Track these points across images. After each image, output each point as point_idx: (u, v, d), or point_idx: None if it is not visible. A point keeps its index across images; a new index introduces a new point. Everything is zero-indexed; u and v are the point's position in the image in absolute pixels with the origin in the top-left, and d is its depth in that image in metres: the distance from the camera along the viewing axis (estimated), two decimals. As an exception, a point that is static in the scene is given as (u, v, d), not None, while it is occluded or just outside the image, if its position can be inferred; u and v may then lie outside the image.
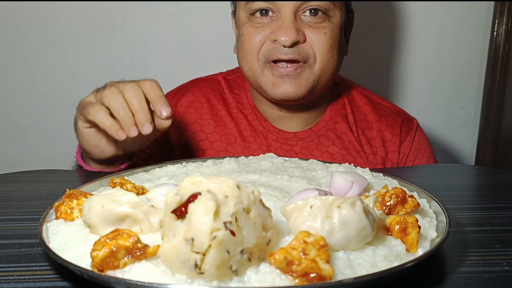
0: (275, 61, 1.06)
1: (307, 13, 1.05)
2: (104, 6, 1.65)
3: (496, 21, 1.70)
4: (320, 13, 1.05)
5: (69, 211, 0.59)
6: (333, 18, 1.07)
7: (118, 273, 0.46)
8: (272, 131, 1.19)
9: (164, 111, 0.84)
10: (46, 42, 1.67)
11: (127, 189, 0.65)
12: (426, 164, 1.20)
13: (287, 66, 1.06)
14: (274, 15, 1.06)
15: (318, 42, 1.05)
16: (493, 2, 1.71)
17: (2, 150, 1.75)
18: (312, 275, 0.43)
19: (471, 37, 1.75)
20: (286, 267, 0.44)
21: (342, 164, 0.84)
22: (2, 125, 1.74)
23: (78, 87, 1.70)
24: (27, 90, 1.71)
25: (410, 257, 0.50)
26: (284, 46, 1.03)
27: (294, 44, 1.04)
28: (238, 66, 1.20)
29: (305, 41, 1.05)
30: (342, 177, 0.66)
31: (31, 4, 1.62)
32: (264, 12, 1.06)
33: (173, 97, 1.24)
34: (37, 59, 1.68)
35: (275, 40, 1.04)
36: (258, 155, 0.91)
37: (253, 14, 1.07)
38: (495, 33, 1.71)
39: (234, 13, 1.18)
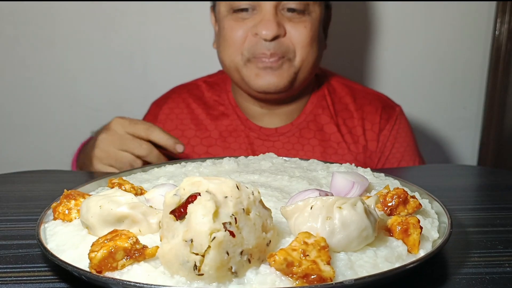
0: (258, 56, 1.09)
1: (286, 10, 1.08)
2: (104, 6, 1.64)
3: (498, 20, 1.69)
4: (296, 12, 1.08)
5: (67, 211, 0.59)
6: (312, 13, 1.10)
7: (116, 275, 0.45)
8: (253, 129, 1.20)
9: (179, 148, 0.95)
10: (45, 41, 1.67)
11: (125, 190, 0.65)
12: (403, 154, 1.20)
13: (269, 60, 1.08)
14: (254, 11, 1.08)
15: (299, 36, 1.08)
16: (495, 1, 1.70)
17: (2, 150, 1.75)
18: (312, 276, 0.43)
19: (473, 36, 1.74)
20: (286, 268, 0.44)
21: (343, 164, 0.84)
22: (2, 125, 1.74)
23: (77, 87, 1.70)
24: (25, 90, 1.71)
25: (412, 258, 0.50)
26: (266, 40, 1.06)
27: (275, 38, 1.06)
28: (219, 69, 1.21)
29: (285, 35, 1.07)
30: (343, 177, 0.66)
31: (30, 3, 1.62)
32: (245, 8, 1.09)
33: (156, 106, 1.27)
34: (37, 59, 1.68)
35: (256, 34, 1.06)
36: (238, 155, 0.91)
37: (234, 10, 1.09)
38: (497, 32, 1.70)
39: (213, 8, 1.21)
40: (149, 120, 1.25)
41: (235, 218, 0.43)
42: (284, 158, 0.89)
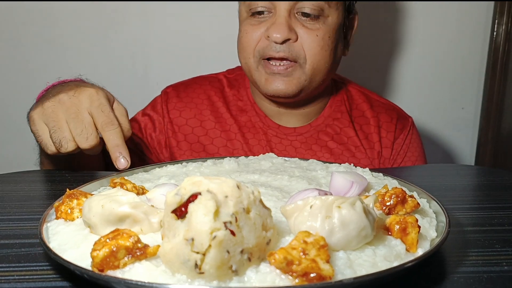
0: (268, 59, 1.09)
1: (300, 14, 1.07)
2: (104, 6, 1.65)
3: (496, 21, 1.70)
4: (311, 16, 1.07)
5: (69, 211, 0.59)
6: (328, 18, 1.08)
7: (118, 273, 0.46)
8: (271, 126, 1.21)
9: (119, 164, 0.82)
10: (46, 42, 1.67)
11: (127, 189, 0.65)
12: (414, 163, 1.22)
13: (279, 65, 1.08)
14: (270, 14, 1.08)
15: (309, 43, 1.07)
16: (493, 2, 1.71)
17: (2, 150, 1.75)
18: (312, 275, 0.43)
19: (471, 37, 1.75)
20: (286, 267, 0.44)
21: (342, 164, 0.84)
22: (2, 125, 1.74)
23: (78, 87, 1.71)
24: (27, 90, 1.71)
25: (410, 257, 0.50)
26: (276, 43, 1.06)
27: (285, 41, 1.06)
28: (238, 65, 1.21)
29: (296, 39, 1.07)
30: (342, 177, 0.66)
31: (31, 4, 1.62)
32: (261, 11, 1.09)
33: (173, 89, 1.26)
34: (37, 59, 1.68)
35: (268, 37, 1.07)
36: (257, 151, 0.91)
37: (252, 12, 1.10)
38: (495, 33, 1.71)
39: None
40: (158, 102, 1.25)
41: (236, 217, 0.44)
42: (284, 158, 0.89)
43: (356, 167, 0.83)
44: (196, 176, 0.47)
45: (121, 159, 0.81)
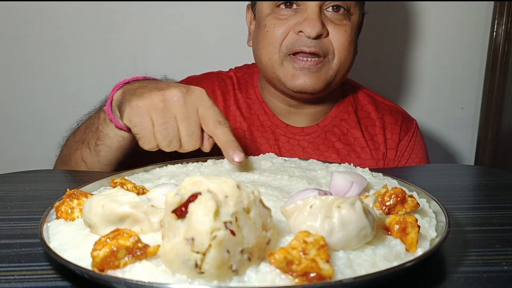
0: (295, 54, 1.09)
1: (330, 9, 1.09)
2: (104, 6, 1.65)
3: (496, 21, 1.70)
4: (342, 9, 1.09)
5: (69, 211, 0.59)
6: (353, 16, 1.11)
7: (118, 273, 0.46)
8: (279, 125, 1.21)
9: (236, 157, 0.79)
10: (46, 42, 1.67)
11: (127, 189, 0.65)
12: (418, 164, 1.23)
13: (307, 60, 1.09)
14: (298, 7, 1.09)
15: (339, 38, 1.09)
16: (492, 2, 1.71)
17: (3, 150, 1.75)
18: (312, 274, 0.43)
19: (471, 37, 1.75)
20: (286, 266, 0.44)
21: (341, 164, 0.84)
22: (3, 125, 1.74)
23: (78, 87, 1.71)
24: (27, 90, 1.71)
25: (410, 257, 0.50)
26: (309, 38, 1.06)
27: (317, 37, 1.07)
28: (242, 64, 1.21)
29: (327, 35, 1.09)
30: (342, 177, 0.66)
31: (32, 4, 1.63)
32: (288, 4, 1.09)
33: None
34: (37, 59, 1.68)
35: (300, 32, 1.07)
36: (265, 149, 0.91)
37: (278, 6, 1.10)
38: (494, 33, 1.71)
39: (250, 6, 1.21)
40: None
41: (236, 217, 0.44)
42: (284, 158, 0.90)
43: (356, 167, 0.83)
44: (196, 176, 0.47)
45: (239, 152, 0.79)
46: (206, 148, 0.82)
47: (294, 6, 1.09)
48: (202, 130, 0.82)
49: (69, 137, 1.07)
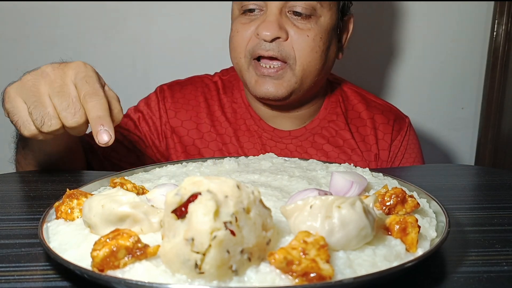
0: (258, 59, 1.08)
1: (292, 13, 1.06)
2: (105, 6, 1.65)
3: (496, 21, 1.70)
4: (303, 14, 1.05)
5: (69, 211, 0.59)
6: (321, 18, 1.06)
7: (118, 273, 0.46)
8: (266, 129, 1.19)
9: (100, 137, 0.67)
10: (46, 42, 1.67)
11: (127, 189, 0.65)
12: (412, 164, 1.21)
13: (269, 67, 1.07)
14: (262, 12, 1.07)
15: (300, 43, 1.05)
16: (493, 2, 1.71)
17: (2, 150, 1.75)
18: (312, 275, 0.43)
19: (471, 37, 1.75)
20: (286, 267, 0.44)
21: (342, 164, 0.84)
22: (3, 125, 1.74)
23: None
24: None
25: (410, 257, 0.50)
26: (265, 41, 1.04)
27: (275, 40, 1.04)
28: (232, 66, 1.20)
29: (287, 39, 1.05)
30: (342, 177, 0.66)
31: (32, 4, 1.63)
32: (252, 9, 1.07)
33: (168, 88, 1.23)
34: (37, 59, 1.68)
35: (258, 35, 1.05)
36: (252, 154, 0.91)
37: (243, 10, 1.09)
38: (495, 33, 1.71)
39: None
40: (153, 100, 1.20)
41: (236, 217, 0.44)
42: (284, 158, 0.89)
43: (356, 167, 0.83)
44: (196, 176, 0.47)
45: (103, 133, 0.67)
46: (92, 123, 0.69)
47: (257, 11, 1.07)
48: None
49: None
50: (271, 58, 1.06)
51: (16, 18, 1.64)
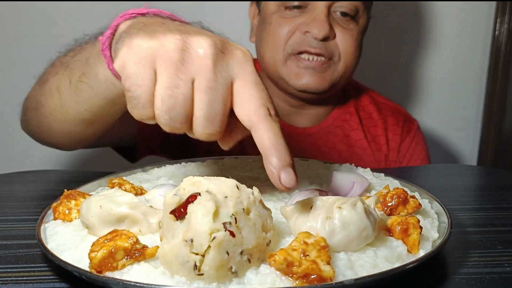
0: (299, 53, 1.08)
1: (339, 13, 1.08)
2: (105, 6, 1.64)
3: (498, 20, 1.69)
4: (349, 15, 1.09)
5: (67, 211, 0.59)
6: (360, 20, 1.11)
7: (116, 274, 0.45)
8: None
9: (287, 178, 0.49)
10: (46, 42, 1.66)
11: (125, 190, 0.65)
12: (419, 165, 1.22)
13: (312, 59, 1.08)
14: (306, 7, 1.08)
15: (345, 42, 1.09)
16: (494, 1, 1.70)
17: (2, 150, 1.75)
18: (312, 276, 0.43)
19: (473, 37, 1.74)
20: (286, 268, 0.44)
21: (343, 164, 0.84)
22: (1, 124, 1.74)
23: (78, 87, 1.70)
24: (27, 90, 1.71)
25: (412, 258, 0.50)
26: (316, 39, 1.06)
27: (324, 39, 1.06)
28: None
29: (334, 38, 1.08)
30: (343, 177, 0.66)
31: (31, 4, 1.62)
32: (298, 6, 1.08)
33: None
34: (37, 59, 1.68)
35: (306, 32, 1.06)
36: None
37: (286, 5, 1.09)
38: (496, 32, 1.70)
39: (256, 2, 1.19)
40: None
41: (235, 218, 0.43)
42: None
43: (357, 167, 0.82)
44: (195, 176, 0.46)
45: (291, 172, 0.49)
46: (228, 143, 0.56)
47: (301, 6, 1.08)
48: (230, 114, 0.53)
49: (59, 56, 0.85)
50: (317, 54, 1.08)
51: (16, 18, 1.64)
